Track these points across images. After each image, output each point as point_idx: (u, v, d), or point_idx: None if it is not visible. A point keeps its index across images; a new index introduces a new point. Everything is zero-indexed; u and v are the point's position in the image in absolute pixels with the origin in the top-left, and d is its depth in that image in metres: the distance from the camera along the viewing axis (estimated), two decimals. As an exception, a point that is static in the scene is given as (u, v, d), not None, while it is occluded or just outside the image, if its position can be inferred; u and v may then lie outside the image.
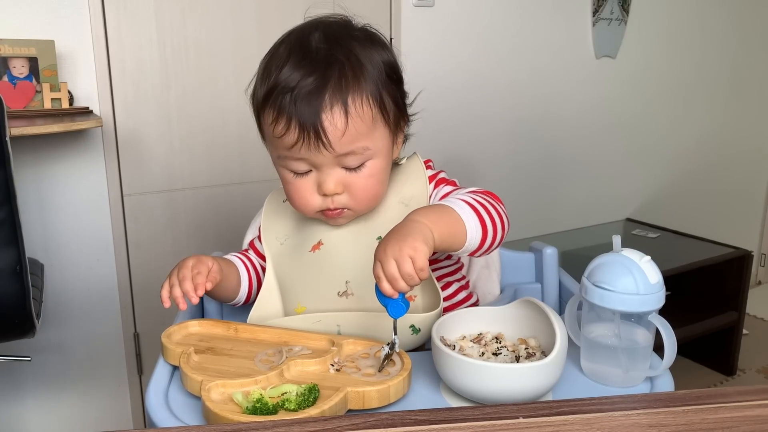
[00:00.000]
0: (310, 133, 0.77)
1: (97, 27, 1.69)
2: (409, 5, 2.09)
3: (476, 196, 0.81)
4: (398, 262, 0.68)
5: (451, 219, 0.76)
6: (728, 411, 0.54)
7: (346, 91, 0.78)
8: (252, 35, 1.86)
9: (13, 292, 1.21)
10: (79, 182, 1.75)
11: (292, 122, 0.77)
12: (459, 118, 2.27)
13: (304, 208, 0.85)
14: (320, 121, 0.77)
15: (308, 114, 0.77)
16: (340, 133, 0.78)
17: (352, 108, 0.78)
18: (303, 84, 0.77)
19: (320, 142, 0.77)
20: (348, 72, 0.78)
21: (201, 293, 0.81)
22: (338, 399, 0.65)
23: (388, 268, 0.68)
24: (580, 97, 2.52)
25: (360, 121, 0.79)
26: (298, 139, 0.78)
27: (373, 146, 0.81)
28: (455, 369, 0.67)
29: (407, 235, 0.70)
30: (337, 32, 0.82)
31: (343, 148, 0.79)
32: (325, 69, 0.78)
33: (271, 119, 0.80)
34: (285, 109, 0.78)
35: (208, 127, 1.88)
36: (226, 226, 1.94)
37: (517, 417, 0.54)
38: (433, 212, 0.76)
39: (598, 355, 0.75)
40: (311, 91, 0.77)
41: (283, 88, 0.78)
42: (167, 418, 0.68)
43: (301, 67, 0.78)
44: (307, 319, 0.83)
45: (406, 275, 0.68)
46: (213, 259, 0.86)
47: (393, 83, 0.83)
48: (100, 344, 1.87)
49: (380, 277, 0.69)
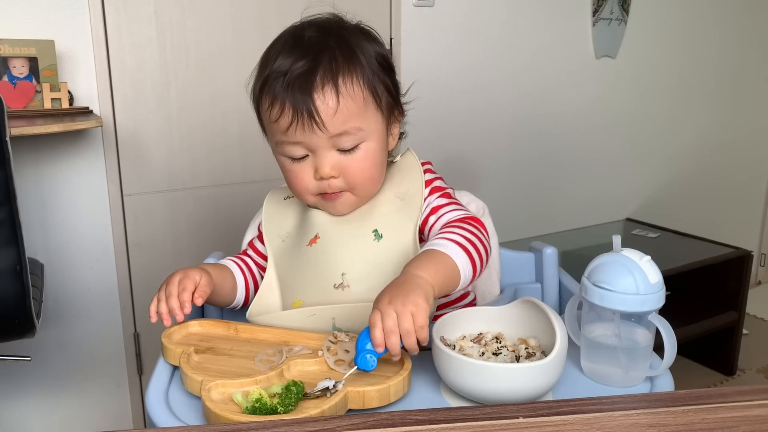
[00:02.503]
0: (303, 113, 0.79)
1: (97, 27, 1.69)
2: (409, 5, 2.09)
3: (464, 232, 0.81)
4: (399, 316, 0.67)
5: (446, 268, 0.77)
6: (728, 411, 0.54)
7: (337, 72, 0.80)
8: (252, 35, 1.86)
9: (13, 292, 1.21)
10: (79, 182, 1.75)
11: (286, 105, 0.80)
12: (459, 118, 2.27)
13: (303, 193, 0.87)
14: (312, 101, 0.79)
15: (300, 95, 0.79)
16: (332, 111, 0.79)
17: (343, 88, 0.80)
18: (294, 68, 0.80)
19: (313, 121, 0.79)
20: (339, 56, 0.81)
21: (188, 310, 0.82)
22: (338, 399, 0.65)
23: (387, 320, 0.67)
24: (580, 96, 2.52)
25: (351, 101, 0.80)
26: (292, 120, 0.80)
27: (366, 127, 0.83)
28: (455, 369, 0.67)
29: (410, 291, 0.69)
30: (329, 24, 0.85)
31: (336, 128, 0.80)
32: (316, 53, 0.80)
33: (267, 105, 0.82)
34: (279, 94, 0.80)
35: (208, 127, 1.88)
36: (226, 226, 1.94)
37: (517, 417, 0.54)
38: (430, 264, 0.76)
39: (598, 355, 0.75)
40: (302, 74, 0.79)
41: (276, 74, 0.81)
42: (167, 418, 0.68)
43: (293, 54, 0.81)
44: (302, 312, 0.84)
45: (404, 331, 0.67)
46: (201, 272, 0.85)
47: (384, 71, 0.85)
48: (100, 344, 1.87)
49: (376, 325, 0.67)
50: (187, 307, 0.82)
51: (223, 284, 0.91)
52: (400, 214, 0.88)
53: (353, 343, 0.73)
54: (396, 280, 0.73)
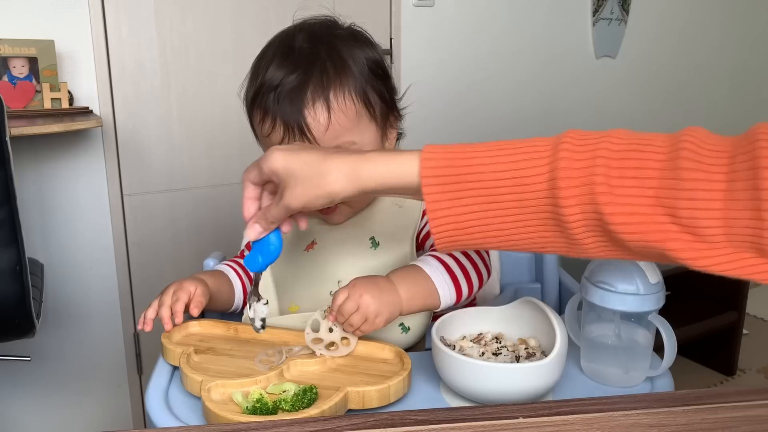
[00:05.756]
0: (294, 130, 0.78)
1: (97, 27, 1.69)
2: (409, 5, 2.09)
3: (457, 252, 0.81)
4: (360, 311, 0.72)
5: (425, 292, 0.78)
6: (728, 411, 0.54)
7: (328, 86, 0.79)
8: (252, 35, 1.86)
9: (13, 292, 1.21)
10: (79, 182, 1.75)
11: (277, 120, 0.79)
12: (459, 118, 2.27)
13: None
14: (303, 118, 0.78)
15: (291, 111, 0.78)
16: (323, 128, 0.78)
17: (334, 103, 0.78)
18: (285, 82, 0.78)
19: (305, 138, 0.78)
20: (330, 69, 0.79)
21: (179, 321, 0.82)
22: (338, 399, 0.65)
23: (347, 305, 0.72)
24: (580, 96, 2.52)
25: (343, 116, 0.79)
26: (284, 136, 0.79)
27: (360, 141, 0.81)
28: (455, 369, 0.67)
29: (382, 306, 0.73)
30: (320, 32, 0.83)
31: (328, 144, 0.79)
32: (306, 66, 0.79)
33: (258, 119, 0.82)
34: (270, 108, 0.79)
35: (208, 127, 1.88)
36: (226, 226, 1.94)
37: (517, 417, 0.54)
38: (410, 284, 0.77)
39: (599, 355, 0.75)
40: (293, 89, 0.78)
41: (267, 87, 0.79)
42: (167, 418, 0.68)
43: (284, 66, 0.79)
44: (297, 318, 0.84)
45: (350, 323, 0.73)
46: (197, 283, 0.85)
47: (378, 79, 0.84)
48: (100, 344, 1.87)
49: (338, 297, 0.73)
50: (179, 317, 0.82)
51: (220, 290, 0.91)
52: (398, 223, 0.88)
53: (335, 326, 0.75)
54: (380, 282, 0.75)
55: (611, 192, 0.52)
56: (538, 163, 0.56)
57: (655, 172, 0.52)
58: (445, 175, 0.57)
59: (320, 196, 0.61)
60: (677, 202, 0.51)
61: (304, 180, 0.61)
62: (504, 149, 0.58)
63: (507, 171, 0.56)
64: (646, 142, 0.54)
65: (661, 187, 0.52)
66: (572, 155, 0.55)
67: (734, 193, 0.49)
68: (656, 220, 0.52)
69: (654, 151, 0.53)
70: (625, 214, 0.52)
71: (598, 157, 0.54)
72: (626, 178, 0.53)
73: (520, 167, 0.56)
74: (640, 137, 0.55)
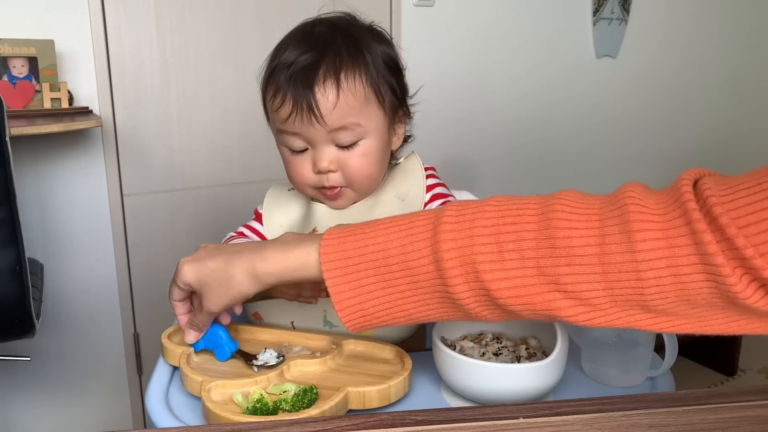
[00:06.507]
0: (303, 105, 0.80)
1: (97, 27, 1.69)
2: (409, 5, 2.09)
3: None
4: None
5: None
6: (728, 411, 0.54)
7: (340, 67, 0.81)
8: (252, 35, 1.86)
9: (12, 292, 1.21)
10: (79, 182, 1.75)
11: (287, 96, 0.81)
12: (459, 118, 2.27)
13: (302, 185, 0.87)
14: (312, 94, 0.80)
15: (302, 87, 0.80)
16: (331, 105, 0.80)
17: (344, 83, 0.80)
18: (299, 60, 0.81)
19: (312, 114, 0.80)
20: (344, 52, 0.81)
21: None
22: (338, 399, 0.65)
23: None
24: (580, 96, 2.52)
25: (351, 97, 0.81)
26: (292, 111, 0.81)
27: (366, 124, 0.83)
28: (456, 369, 0.67)
29: None
30: (339, 22, 0.86)
31: (334, 122, 0.80)
32: (322, 48, 0.81)
33: (270, 95, 0.84)
34: (282, 85, 0.81)
35: (208, 127, 1.88)
36: (226, 226, 1.93)
37: (517, 417, 0.54)
38: None
39: (599, 356, 0.75)
40: (305, 67, 0.80)
41: (282, 65, 0.82)
42: (167, 418, 0.68)
43: (300, 47, 0.82)
44: (293, 302, 0.84)
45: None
46: None
47: (390, 72, 0.85)
48: (100, 344, 1.87)
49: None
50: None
51: None
52: None
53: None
54: None
55: (493, 269, 0.54)
56: (422, 245, 0.57)
57: (532, 242, 0.54)
58: (343, 260, 0.60)
59: (234, 297, 0.67)
60: (558, 269, 0.52)
61: (216, 287, 0.67)
62: (393, 228, 0.60)
63: (397, 255, 0.58)
64: (519, 210, 0.56)
65: (540, 256, 0.53)
66: (451, 235, 0.56)
67: (609, 256, 0.51)
68: (541, 290, 0.54)
69: (527, 221, 0.55)
70: (510, 288, 0.54)
71: (476, 236, 0.55)
72: (505, 252, 0.54)
73: (407, 250, 0.58)
74: (513, 204, 0.57)
